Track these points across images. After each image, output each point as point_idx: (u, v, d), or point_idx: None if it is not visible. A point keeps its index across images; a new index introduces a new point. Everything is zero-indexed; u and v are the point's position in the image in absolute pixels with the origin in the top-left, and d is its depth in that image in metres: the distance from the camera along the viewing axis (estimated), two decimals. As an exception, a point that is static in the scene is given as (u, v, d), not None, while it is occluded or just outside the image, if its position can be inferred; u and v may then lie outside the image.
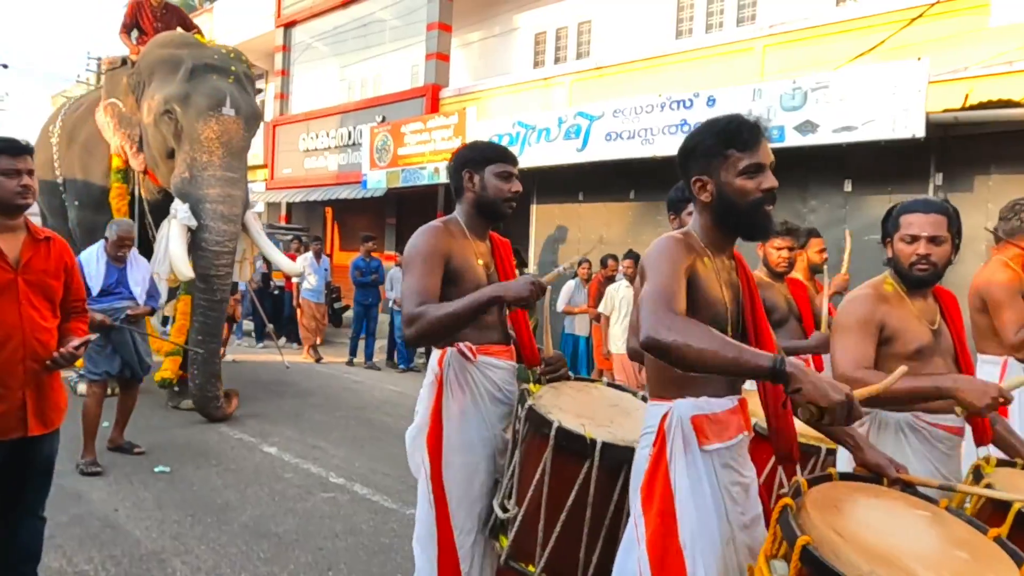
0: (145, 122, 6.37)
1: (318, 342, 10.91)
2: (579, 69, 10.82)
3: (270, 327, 8.45)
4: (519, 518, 2.29)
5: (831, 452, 2.59)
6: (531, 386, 2.47)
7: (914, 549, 1.52)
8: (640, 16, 11.31)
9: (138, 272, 5.22)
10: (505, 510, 2.37)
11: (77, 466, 4.76)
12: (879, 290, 2.38)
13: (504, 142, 9.84)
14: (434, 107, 12.36)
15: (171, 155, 6.24)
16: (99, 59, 26.77)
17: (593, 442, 2.09)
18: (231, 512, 4.28)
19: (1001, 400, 2.00)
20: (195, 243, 6.04)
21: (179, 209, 5.98)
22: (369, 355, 10.34)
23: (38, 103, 58.82)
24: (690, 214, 2.88)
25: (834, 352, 2.34)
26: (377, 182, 12.14)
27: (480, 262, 2.54)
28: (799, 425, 2.03)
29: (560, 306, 8.38)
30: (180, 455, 5.12)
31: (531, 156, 9.58)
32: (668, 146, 8.10)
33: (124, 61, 6.91)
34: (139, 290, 5.16)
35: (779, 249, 3.98)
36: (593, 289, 8.19)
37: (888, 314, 2.31)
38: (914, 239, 2.28)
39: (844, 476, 1.90)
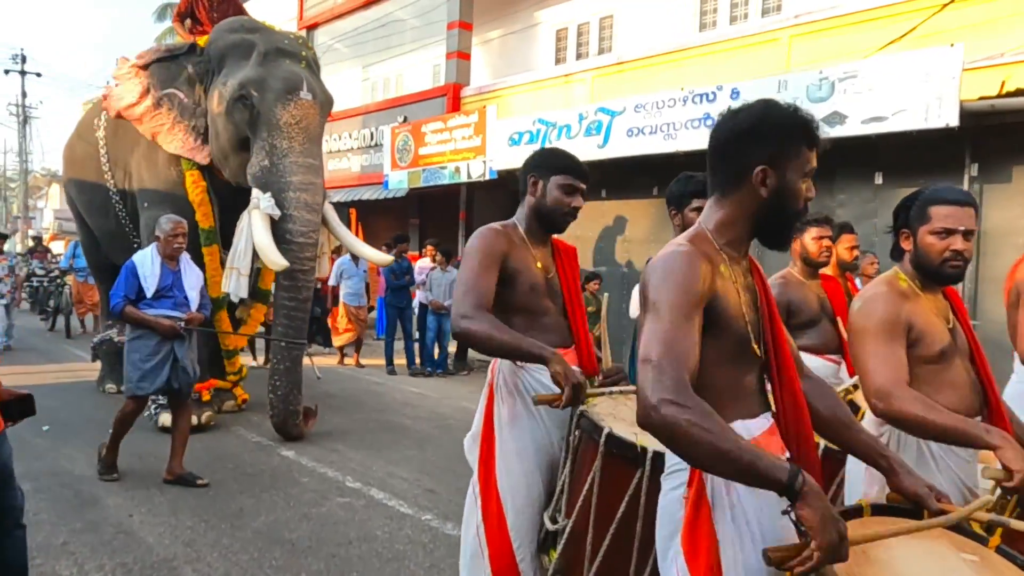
0: (215, 111, 5.98)
1: (357, 349, 10.31)
2: (600, 65, 10.66)
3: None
4: (567, 531, 2.21)
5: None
6: (589, 395, 2.36)
7: None
8: (663, 9, 11.11)
9: (192, 276, 4.94)
10: (555, 522, 2.29)
11: (99, 470, 4.75)
12: (896, 286, 2.19)
13: (524, 140, 9.74)
14: (455, 106, 12.28)
15: (244, 146, 5.89)
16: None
17: (644, 450, 1.96)
18: (245, 518, 4.22)
19: None
20: (277, 236, 5.61)
21: (261, 198, 5.61)
22: (411, 360, 9.79)
23: (70, 110, 59.85)
24: (696, 210, 2.75)
25: (863, 360, 2.13)
26: (399, 182, 12.10)
27: (539, 265, 2.52)
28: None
29: (634, 312, 8.13)
30: (196, 459, 5.05)
31: (552, 153, 9.46)
32: (691, 141, 7.92)
33: (170, 52, 6.38)
34: (194, 294, 4.89)
35: (818, 239, 3.79)
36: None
37: (912, 313, 2.14)
38: (949, 233, 2.10)
39: (877, 509, 1.71)
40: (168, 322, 4.60)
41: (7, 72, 31.58)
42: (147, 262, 4.73)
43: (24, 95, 32.60)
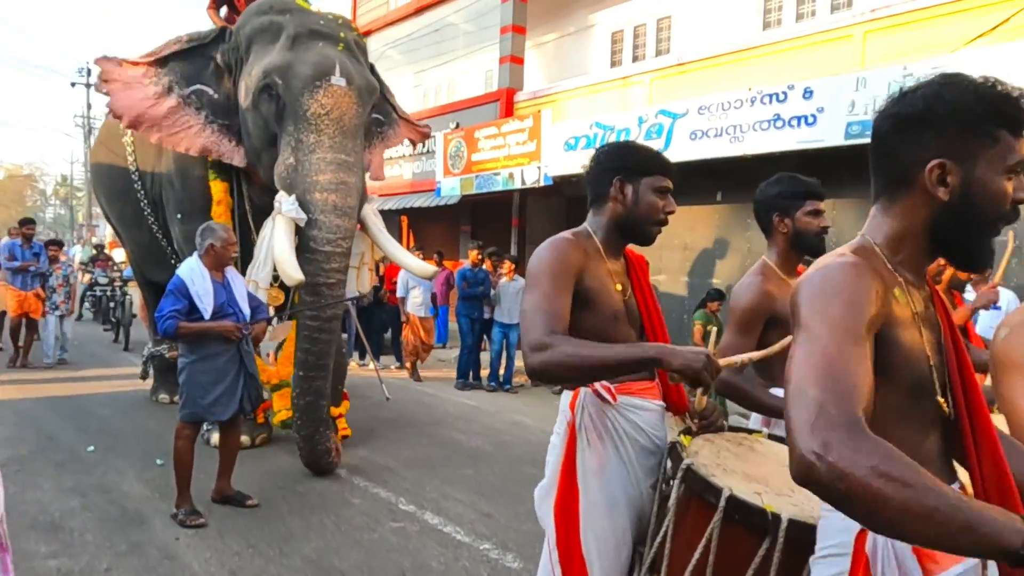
0: (243, 105, 5.28)
1: (421, 361, 9.80)
2: (659, 67, 10.29)
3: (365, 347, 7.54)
4: None
5: None
6: (683, 438, 2.05)
7: None
8: (724, 9, 10.69)
9: (240, 287, 4.53)
10: None
11: (174, 516, 4.20)
12: None
13: (581, 144, 9.44)
14: (508, 111, 12.06)
15: (274, 143, 5.16)
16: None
17: (776, 518, 1.63)
18: (294, 543, 4.00)
19: None
20: (301, 244, 4.90)
21: (283, 201, 4.87)
22: (462, 372, 9.22)
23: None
24: (812, 213, 2.41)
25: (1013, 398, 1.71)
26: (451, 189, 11.91)
27: (618, 286, 2.17)
28: None
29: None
30: (244, 477, 4.84)
31: (610, 158, 9.14)
32: (760, 143, 7.51)
33: (192, 42, 5.63)
34: (246, 306, 4.48)
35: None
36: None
37: None
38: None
39: None
40: (231, 324, 4.22)
41: (73, 85, 32.70)
42: (197, 277, 4.23)
43: (89, 107, 33.67)
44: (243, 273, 5.38)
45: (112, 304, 12.98)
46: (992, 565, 1.31)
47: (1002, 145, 1.21)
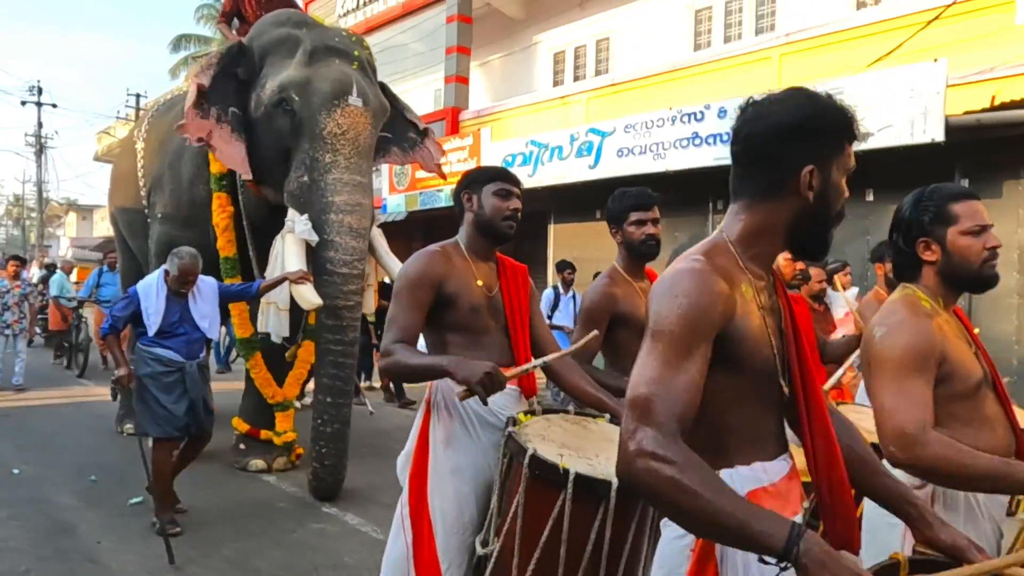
0: (253, 117, 5.21)
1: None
2: (595, 86, 10.72)
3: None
4: (495, 555, 2.16)
5: None
6: (520, 415, 2.31)
7: None
8: (659, 30, 11.19)
9: (204, 304, 4.50)
10: (485, 545, 2.25)
11: (153, 524, 4.23)
12: (921, 308, 1.85)
13: (517, 161, 9.79)
14: (454, 129, 12.38)
15: (285, 158, 5.07)
16: (138, 95, 27.61)
17: (567, 472, 1.92)
18: (216, 544, 4.19)
19: None
20: (316, 266, 4.83)
21: (297, 221, 4.81)
22: None
23: (84, 140, 60.96)
24: (635, 223, 2.73)
25: (883, 398, 1.80)
26: (396, 206, 12.18)
27: (480, 283, 2.47)
28: None
29: None
30: (176, 483, 5.01)
31: (545, 174, 9.51)
32: (680, 160, 7.92)
33: (221, 62, 5.43)
34: (206, 323, 4.49)
35: (791, 261, 3.77)
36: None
37: (945, 343, 1.81)
38: (983, 229, 1.84)
39: (915, 564, 1.47)
40: (125, 372, 4.28)
41: (24, 103, 32.26)
42: (151, 294, 4.32)
43: (40, 125, 33.22)
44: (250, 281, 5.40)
45: (66, 328, 11.97)
46: None
47: (846, 152, 1.39)
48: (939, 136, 6.16)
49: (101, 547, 4.10)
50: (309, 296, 4.66)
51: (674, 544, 1.44)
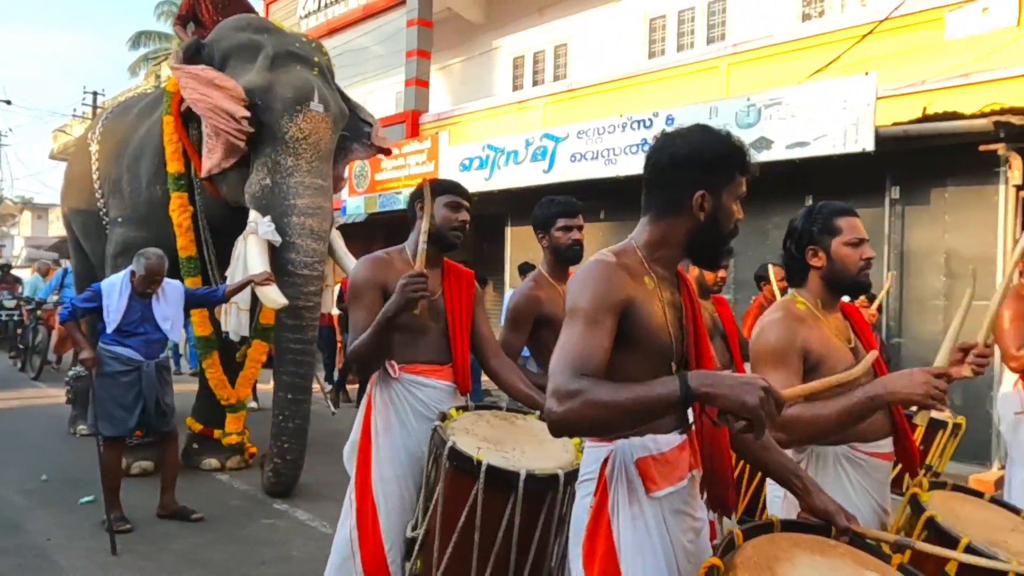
0: None
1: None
2: (552, 92, 10.92)
3: None
4: (420, 539, 2.35)
5: None
6: (451, 411, 2.50)
7: None
8: (615, 37, 11.43)
9: (167, 305, 4.57)
10: (414, 529, 2.43)
11: (101, 523, 4.30)
12: (793, 311, 2.17)
13: (474, 165, 9.95)
14: (414, 132, 12.47)
15: (244, 160, 5.23)
16: (95, 93, 27.11)
17: (479, 464, 2.11)
18: (167, 540, 4.29)
19: (941, 381, 1.85)
20: (278, 267, 4.93)
21: (260, 223, 4.93)
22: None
23: (40, 138, 59.74)
24: (562, 229, 2.92)
25: None
26: (356, 208, 12.24)
27: None
28: None
29: None
30: (126, 482, 5.05)
31: (501, 178, 9.68)
32: (630, 166, 8.15)
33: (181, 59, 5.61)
34: (168, 325, 4.55)
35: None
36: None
37: (809, 338, 2.11)
38: (861, 242, 2.14)
39: (787, 525, 1.68)
40: (89, 355, 4.33)
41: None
42: (114, 292, 4.41)
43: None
44: (209, 282, 5.61)
45: (20, 330, 12.00)
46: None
47: (736, 181, 1.66)
48: (869, 146, 6.47)
49: (51, 544, 4.18)
50: (274, 296, 4.76)
51: (581, 503, 1.68)
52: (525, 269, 8.29)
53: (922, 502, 1.99)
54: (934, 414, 3.75)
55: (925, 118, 6.86)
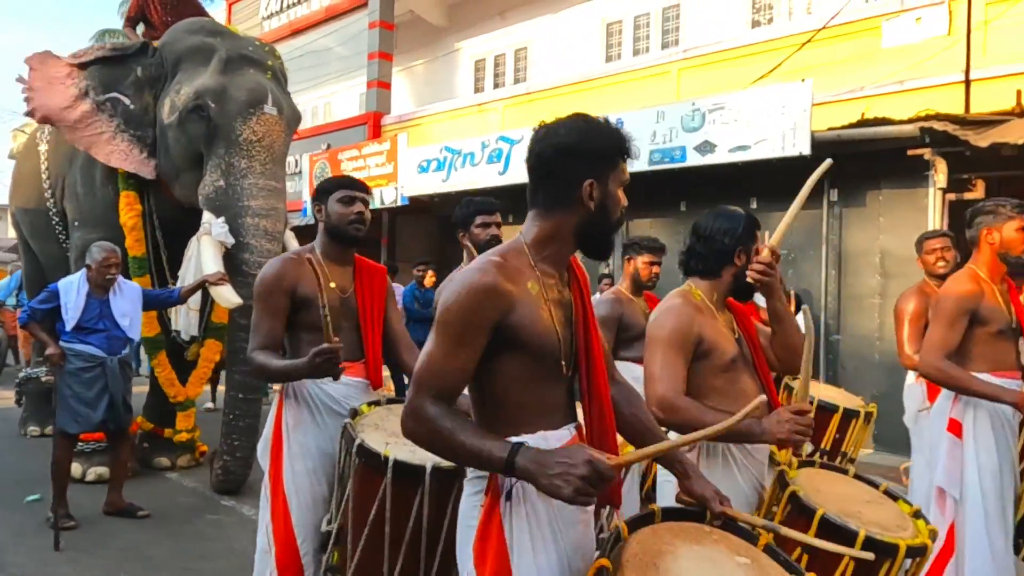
0: (166, 121, 5.36)
1: None
2: (510, 95, 11.09)
3: None
4: (335, 533, 2.41)
5: None
6: (362, 407, 2.57)
7: None
8: (573, 41, 11.62)
9: (124, 301, 4.64)
10: (329, 523, 2.48)
11: (47, 520, 4.36)
12: (691, 299, 2.31)
13: (432, 167, 10.07)
14: (376, 134, 12.55)
15: (196, 162, 5.28)
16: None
17: (386, 459, 2.18)
18: (111, 537, 4.35)
19: (804, 417, 2.03)
20: (231, 267, 4.95)
21: (213, 223, 4.98)
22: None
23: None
24: (481, 226, 3.04)
25: (651, 367, 2.26)
26: (317, 209, 12.29)
27: (333, 285, 2.69)
28: None
29: None
30: (76, 482, 5.14)
31: (458, 180, 9.81)
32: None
33: (116, 51, 5.68)
34: (127, 322, 4.63)
35: (650, 264, 4.20)
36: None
37: (703, 326, 2.26)
38: (757, 251, 2.34)
39: (667, 513, 1.76)
40: (56, 351, 4.42)
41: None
42: (72, 290, 4.49)
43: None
44: (162, 283, 5.64)
45: None
46: None
47: (620, 168, 1.65)
48: (806, 150, 6.72)
49: (-8, 542, 4.22)
50: (229, 296, 4.77)
51: (470, 500, 1.67)
52: None
53: (788, 478, 2.17)
54: (848, 404, 4.02)
55: (863, 123, 7.13)
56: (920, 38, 7.35)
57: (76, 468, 5.21)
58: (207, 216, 5.09)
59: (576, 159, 1.60)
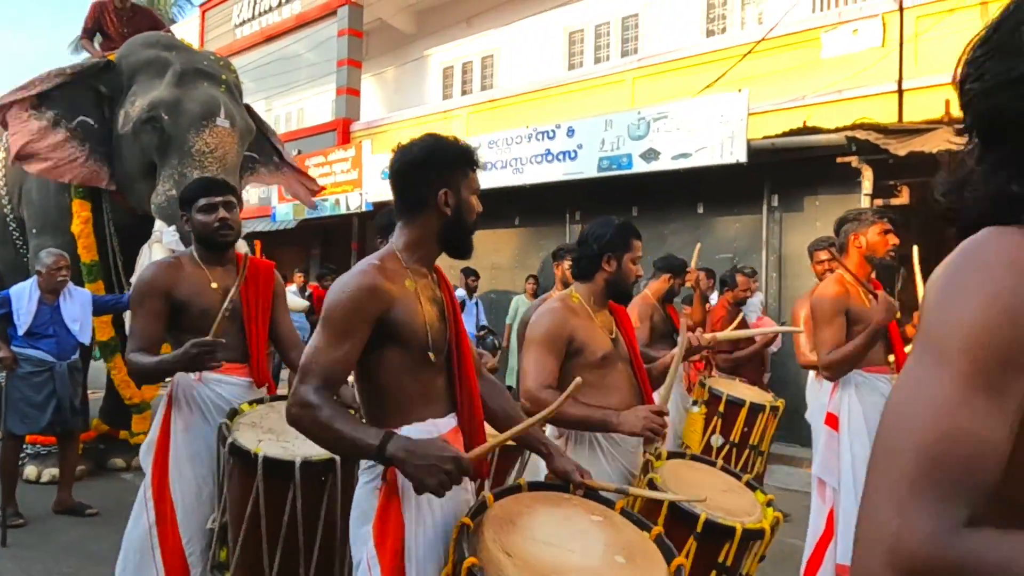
0: (120, 132, 5.45)
1: None
2: (474, 102, 11.32)
3: None
4: (218, 530, 2.50)
5: None
6: (243, 405, 2.61)
7: (577, 561, 1.62)
8: (537, 49, 11.87)
9: (74, 306, 4.78)
10: (214, 522, 2.56)
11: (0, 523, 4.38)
12: (568, 303, 2.53)
13: (395, 173, 10.27)
14: (345, 140, 12.76)
15: (149, 172, 5.34)
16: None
17: (256, 456, 2.23)
18: (56, 533, 4.49)
19: (660, 418, 2.27)
20: None
21: (164, 231, 5.04)
22: None
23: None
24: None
25: (525, 364, 2.47)
26: (285, 214, 12.48)
27: (215, 286, 2.72)
28: None
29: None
30: (31, 483, 5.26)
31: (420, 186, 10.00)
32: (535, 174, 8.60)
33: (74, 74, 5.68)
34: (77, 327, 4.76)
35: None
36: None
37: (577, 327, 2.45)
38: (635, 262, 2.56)
39: (533, 486, 1.94)
40: (7, 354, 4.51)
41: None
42: (24, 296, 4.62)
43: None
44: (117, 287, 5.75)
45: None
46: None
47: (471, 177, 1.86)
48: (742, 157, 6.98)
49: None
50: None
51: (366, 487, 1.80)
52: (468, 274, 8.85)
53: (652, 467, 2.38)
54: (756, 399, 4.26)
55: (796, 132, 7.41)
56: (857, 49, 7.64)
57: (31, 470, 5.40)
58: (159, 224, 5.23)
59: (428, 171, 1.81)
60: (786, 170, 7.49)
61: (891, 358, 3.41)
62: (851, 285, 3.28)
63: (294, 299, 6.30)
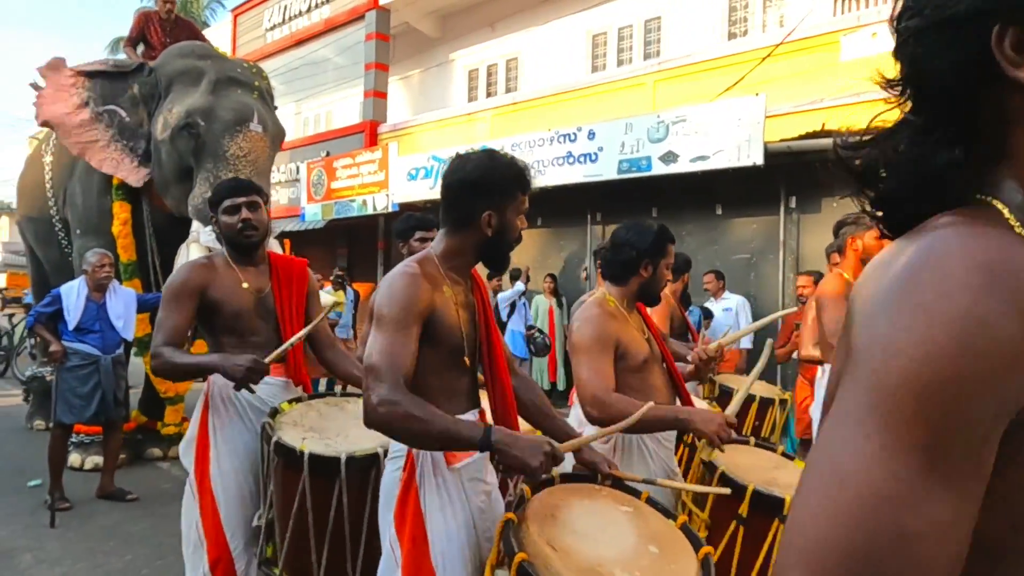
0: (159, 137, 5.75)
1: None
2: (497, 104, 11.50)
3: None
4: (265, 527, 2.59)
5: None
6: (283, 404, 2.69)
7: (615, 552, 1.71)
8: (561, 52, 12.02)
9: (119, 304, 5.09)
10: (260, 519, 2.64)
11: (44, 502, 4.78)
12: (606, 307, 2.50)
13: (420, 175, 10.51)
14: (372, 142, 13.02)
15: (186, 175, 5.68)
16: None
17: (302, 454, 2.31)
18: (95, 517, 4.79)
19: (730, 429, 2.29)
20: None
21: (201, 231, 5.33)
22: None
23: (15, 143, 59.38)
24: (420, 240, 3.24)
25: (580, 372, 2.40)
26: (314, 215, 12.77)
27: (246, 286, 2.80)
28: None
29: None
30: (75, 471, 5.58)
31: (444, 188, 10.22)
32: (556, 176, 8.76)
33: (117, 68, 6.14)
34: (121, 324, 5.06)
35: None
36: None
37: (619, 330, 2.45)
38: (670, 266, 2.62)
39: (565, 477, 2.04)
40: (58, 348, 4.87)
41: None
42: (72, 294, 4.96)
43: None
44: (154, 286, 6.05)
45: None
46: None
47: (519, 200, 1.94)
48: (759, 160, 7.08)
49: (-8, 518, 4.68)
50: None
51: (391, 476, 1.94)
52: (517, 275, 9.04)
53: (713, 461, 2.44)
54: (765, 394, 4.39)
55: (813, 135, 7.47)
56: (876, 52, 7.67)
57: (76, 458, 5.74)
58: (196, 225, 5.53)
59: (478, 193, 1.89)
60: (803, 172, 7.55)
61: None
62: (850, 284, 3.41)
63: (324, 296, 6.52)
